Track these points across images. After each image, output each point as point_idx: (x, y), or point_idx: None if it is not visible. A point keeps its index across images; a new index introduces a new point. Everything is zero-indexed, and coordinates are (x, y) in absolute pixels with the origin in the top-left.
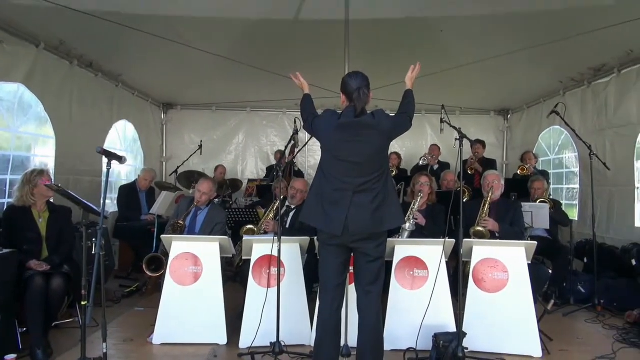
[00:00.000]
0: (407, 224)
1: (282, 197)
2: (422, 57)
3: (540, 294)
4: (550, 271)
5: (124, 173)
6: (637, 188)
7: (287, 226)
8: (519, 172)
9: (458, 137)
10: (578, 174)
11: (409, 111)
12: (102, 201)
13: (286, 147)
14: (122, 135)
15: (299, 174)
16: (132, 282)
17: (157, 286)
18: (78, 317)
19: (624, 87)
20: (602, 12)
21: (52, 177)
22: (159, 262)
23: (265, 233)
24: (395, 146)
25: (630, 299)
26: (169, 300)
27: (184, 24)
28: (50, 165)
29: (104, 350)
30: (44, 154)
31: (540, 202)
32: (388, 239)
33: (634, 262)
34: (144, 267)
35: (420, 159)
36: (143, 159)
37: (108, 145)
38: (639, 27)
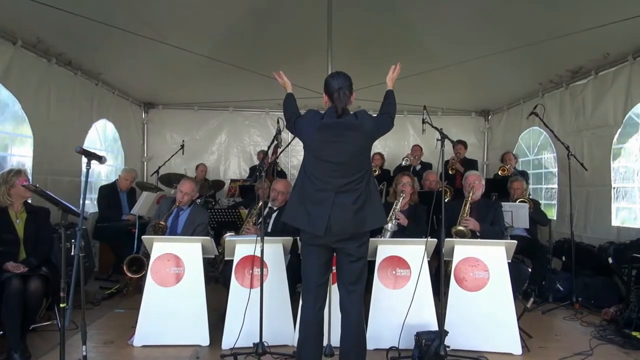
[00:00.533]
0: (389, 224)
1: (265, 198)
2: (405, 58)
3: (520, 292)
4: (530, 270)
5: (104, 173)
6: (614, 188)
7: (269, 229)
8: (499, 172)
9: (439, 138)
10: (556, 174)
11: (391, 112)
12: (81, 201)
13: (269, 147)
14: (102, 135)
15: (282, 174)
16: (113, 284)
17: (138, 288)
18: (57, 320)
19: (601, 89)
20: (579, 16)
21: (30, 177)
22: (140, 263)
23: None
24: (377, 146)
25: (606, 296)
26: (150, 301)
27: (165, 23)
28: (28, 165)
29: (84, 353)
30: (21, 154)
31: (520, 202)
32: (371, 239)
33: (610, 260)
34: (124, 268)
35: (403, 159)
36: (124, 158)
37: (88, 144)
38: (614, 31)
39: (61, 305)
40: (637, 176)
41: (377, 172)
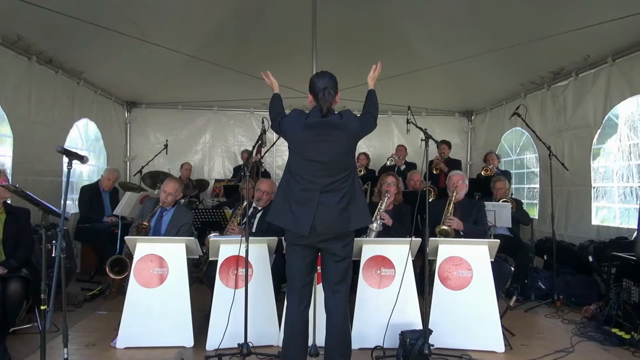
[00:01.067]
0: (374, 224)
1: (249, 197)
2: (389, 58)
3: (503, 290)
4: (512, 268)
5: (85, 173)
6: (593, 188)
7: (254, 229)
8: (482, 173)
9: (424, 138)
10: (538, 174)
11: (373, 111)
12: (62, 202)
13: (254, 147)
14: (83, 134)
15: (266, 175)
16: (95, 285)
17: (120, 289)
18: (37, 322)
19: (581, 90)
20: (560, 19)
21: (10, 177)
22: (123, 264)
23: None
24: (362, 146)
25: (587, 294)
26: (133, 303)
27: (148, 21)
28: (8, 165)
29: (65, 356)
30: (0, 154)
31: (503, 201)
32: (356, 239)
33: (590, 258)
34: (107, 269)
35: (388, 159)
36: (106, 158)
37: (69, 144)
38: (594, 33)
39: (42, 307)
40: (616, 176)
41: (362, 172)
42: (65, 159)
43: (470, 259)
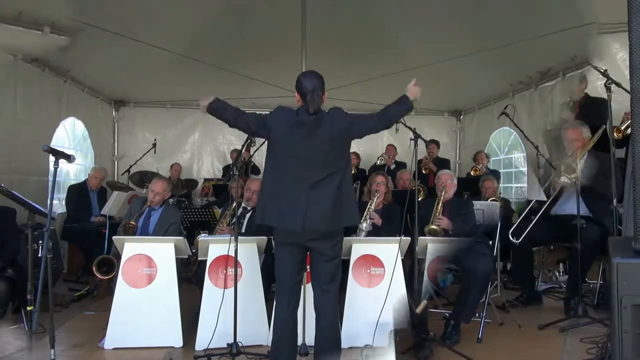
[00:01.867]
0: (364, 224)
1: (238, 197)
2: (378, 58)
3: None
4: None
5: (72, 172)
6: None
7: (243, 229)
8: (472, 173)
9: (413, 137)
10: (526, 173)
11: (382, 112)
12: (49, 201)
13: (243, 146)
14: (70, 133)
15: (256, 170)
16: (82, 286)
17: (108, 289)
18: (24, 323)
19: (569, 90)
20: (548, 19)
21: None
22: (110, 264)
23: None
24: (352, 146)
25: None
26: (121, 303)
27: (137, 19)
28: None
29: (52, 357)
30: None
31: (491, 200)
32: (345, 238)
33: None
34: (94, 269)
35: (378, 159)
36: (93, 157)
37: (55, 143)
38: (581, 34)
39: (28, 308)
40: None
41: (353, 172)
42: (52, 158)
43: None
